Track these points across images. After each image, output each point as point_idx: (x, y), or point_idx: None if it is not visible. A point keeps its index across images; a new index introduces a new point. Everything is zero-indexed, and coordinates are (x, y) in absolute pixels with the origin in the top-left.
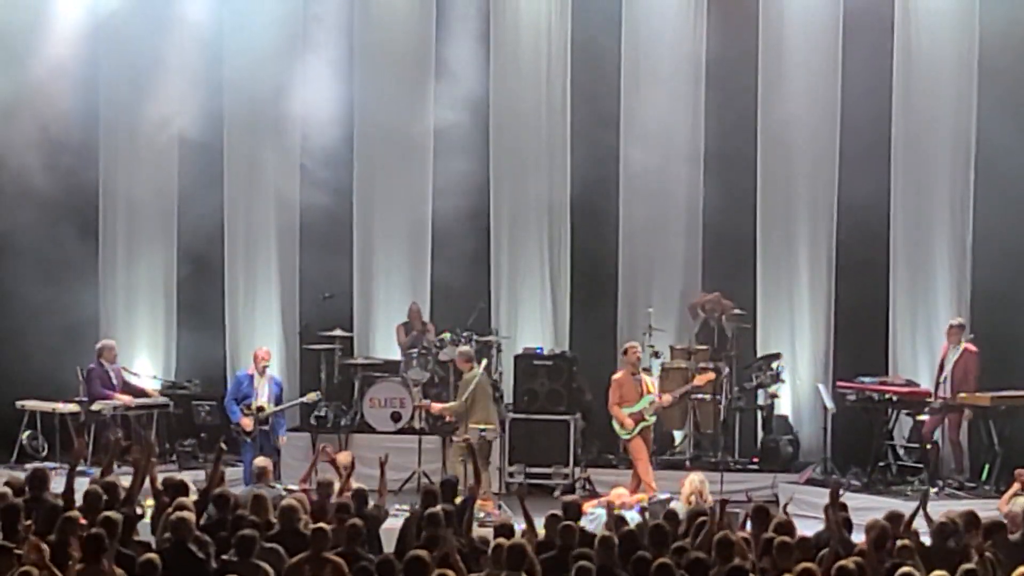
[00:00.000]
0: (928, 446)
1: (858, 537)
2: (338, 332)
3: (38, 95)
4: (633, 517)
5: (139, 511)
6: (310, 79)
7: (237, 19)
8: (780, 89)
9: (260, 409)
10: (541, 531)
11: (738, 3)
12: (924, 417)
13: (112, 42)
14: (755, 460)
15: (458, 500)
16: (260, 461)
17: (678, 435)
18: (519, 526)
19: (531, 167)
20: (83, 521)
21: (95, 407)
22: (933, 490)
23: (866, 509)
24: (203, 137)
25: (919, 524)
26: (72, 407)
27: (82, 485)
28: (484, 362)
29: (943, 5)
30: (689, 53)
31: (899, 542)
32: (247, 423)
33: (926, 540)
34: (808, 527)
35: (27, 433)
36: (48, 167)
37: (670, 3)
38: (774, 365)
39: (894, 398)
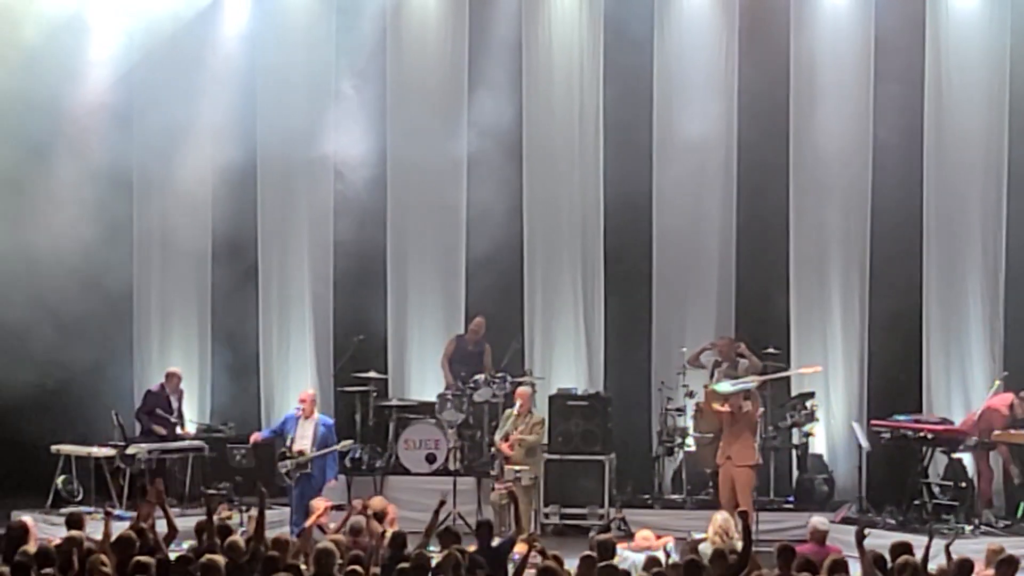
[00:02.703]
0: (963, 484)
1: None
2: (372, 374)
3: (73, 140)
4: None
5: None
6: (343, 121)
7: (270, 61)
8: (812, 120)
9: (300, 453)
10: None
11: (769, 31)
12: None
13: (145, 87)
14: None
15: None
16: (316, 502)
17: None
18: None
19: (564, 206)
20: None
21: (130, 451)
22: (968, 528)
23: None
24: (237, 179)
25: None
26: (107, 451)
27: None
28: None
29: (973, 39)
30: (721, 81)
31: None
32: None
33: None
34: None
35: (62, 478)
36: (83, 213)
37: (702, 31)
38: (808, 404)
39: (929, 436)
